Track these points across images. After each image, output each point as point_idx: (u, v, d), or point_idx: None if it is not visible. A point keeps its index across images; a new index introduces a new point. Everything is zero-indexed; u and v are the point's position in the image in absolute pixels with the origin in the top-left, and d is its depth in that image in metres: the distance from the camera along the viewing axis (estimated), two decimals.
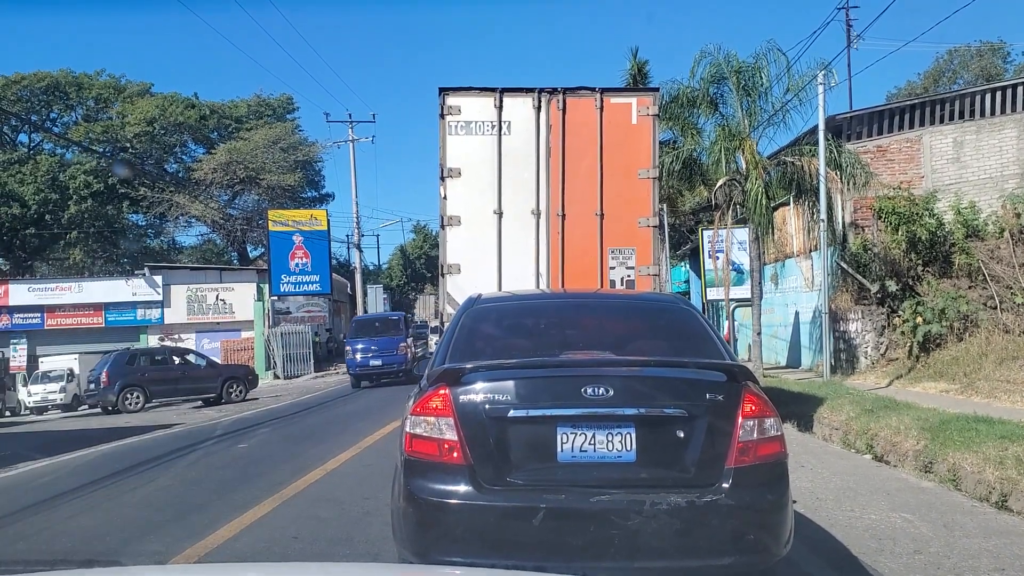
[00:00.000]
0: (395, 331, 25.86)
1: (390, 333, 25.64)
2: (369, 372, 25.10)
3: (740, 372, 4.08)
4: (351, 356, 25.18)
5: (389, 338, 25.32)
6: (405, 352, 25.58)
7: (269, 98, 51.53)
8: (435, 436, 3.90)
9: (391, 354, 25.04)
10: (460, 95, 10.38)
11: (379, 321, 27.79)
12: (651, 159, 10.37)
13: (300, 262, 36.88)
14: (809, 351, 19.76)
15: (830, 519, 6.33)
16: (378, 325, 26.72)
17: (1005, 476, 6.60)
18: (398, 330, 26.04)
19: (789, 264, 21.97)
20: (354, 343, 25.34)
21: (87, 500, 8.48)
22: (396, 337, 25.51)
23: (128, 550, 6.15)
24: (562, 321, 5.05)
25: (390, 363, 25.00)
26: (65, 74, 47.44)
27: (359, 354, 24.92)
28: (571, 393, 3.88)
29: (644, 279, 10.23)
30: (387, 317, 29.76)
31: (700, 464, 3.84)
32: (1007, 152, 18.00)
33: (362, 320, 28.61)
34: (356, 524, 6.48)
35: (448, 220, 10.32)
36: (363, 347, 24.89)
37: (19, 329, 36.51)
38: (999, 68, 39.58)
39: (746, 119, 16.49)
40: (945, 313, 14.76)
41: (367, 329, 26.09)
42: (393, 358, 25.08)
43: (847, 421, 10.21)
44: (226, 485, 8.81)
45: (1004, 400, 11.38)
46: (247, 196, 48.00)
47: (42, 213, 44.99)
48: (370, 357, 24.83)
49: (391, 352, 25.05)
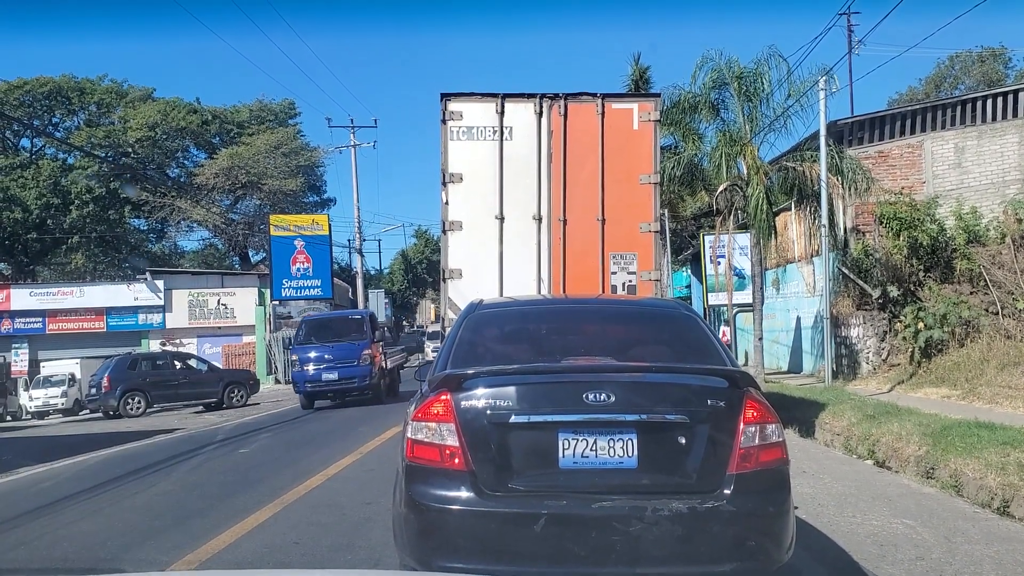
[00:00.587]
0: (356, 334, 20.30)
1: (350, 337, 20.26)
2: (322, 389, 19.90)
3: (741, 378, 4.07)
4: (298, 368, 19.95)
5: (348, 344, 19.91)
6: (370, 361, 19.89)
7: (271, 103, 51.64)
8: (436, 442, 3.90)
9: (350, 364, 19.64)
10: (462, 100, 10.41)
11: (336, 322, 22.56)
12: (652, 164, 10.40)
13: (302, 267, 36.89)
14: (811, 356, 19.74)
15: (832, 525, 6.31)
16: (334, 327, 21.52)
17: (1007, 482, 6.58)
18: (361, 333, 20.32)
19: (791, 269, 21.96)
20: (302, 351, 19.98)
21: (88, 505, 8.47)
22: (358, 342, 19.98)
23: (129, 556, 6.14)
24: (563, 327, 5.05)
25: (349, 376, 19.59)
26: (67, 79, 47.52)
27: (309, 365, 19.71)
28: (572, 399, 3.88)
29: (645, 284, 10.24)
30: (346, 317, 24.11)
31: (702, 470, 3.84)
32: (1008, 158, 17.99)
33: (313, 321, 22.20)
34: (357, 530, 6.47)
35: (450, 225, 10.34)
36: (315, 355, 19.66)
37: (21, 334, 36.52)
38: (1000, 74, 39.62)
39: (747, 124, 16.51)
40: (947, 318, 14.75)
41: (320, 332, 20.76)
42: (353, 370, 19.63)
43: (849, 427, 10.20)
44: (227, 490, 8.81)
45: (1006, 406, 11.37)
46: (249, 201, 48.09)
47: (44, 218, 45.04)
48: (323, 369, 19.54)
49: (350, 362, 19.65)
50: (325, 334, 20.52)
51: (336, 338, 20.30)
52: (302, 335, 20.70)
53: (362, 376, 19.64)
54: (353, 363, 19.62)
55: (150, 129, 45.92)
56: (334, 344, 19.89)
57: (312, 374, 19.64)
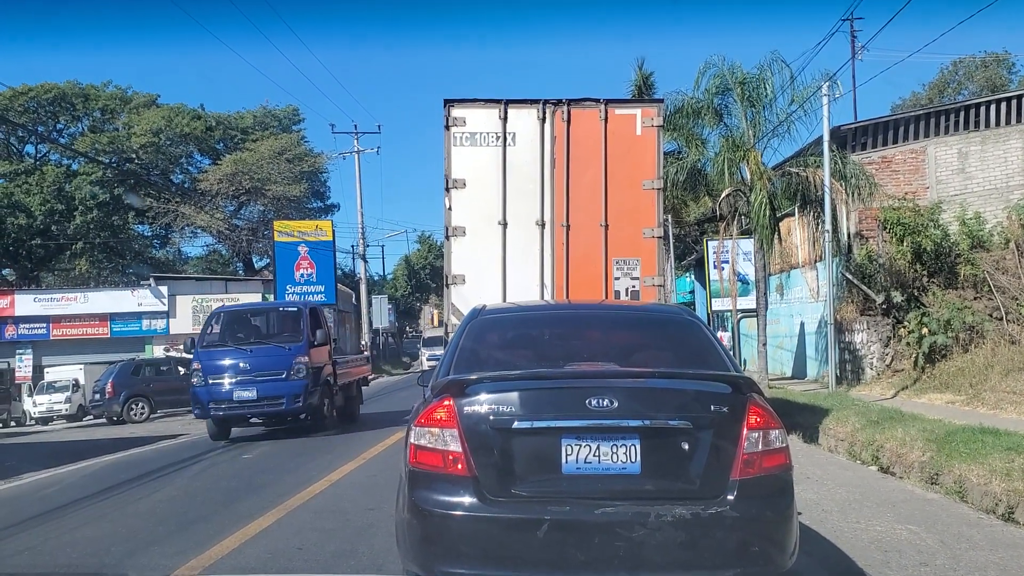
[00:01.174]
0: (289, 335, 14.72)
1: (279, 338, 14.77)
2: (236, 411, 14.16)
3: (745, 383, 4.08)
4: (201, 381, 14.09)
5: (275, 349, 14.38)
6: (307, 374, 14.15)
7: (275, 109, 51.80)
8: (439, 447, 3.90)
9: (275, 378, 14.01)
10: (465, 107, 10.44)
11: (261, 316, 16.27)
12: (655, 170, 10.40)
13: (305, 272, 36.92)
14: (814, 362, 19.72)
15: (835, 531, 6.30)
16: (258, 323, 15.80)
17: (1012, 488, 6.57)
18: (295, 333, 14.66)
19: (794, 275, 21.95)
20: (207, 357, 14.27)
21: (92, 511, 8.48)
22: (289, 346, 14.35)
23: (133, 561, 6.16)
24: (566, 332, 5.06)
25: (274, 396, 13.99)
26: (72, 85, 47.69)
27: (217, 377, 13.98)
28: (575, 404, 3.88)
29: (649, 290, 10.25)
30: (276, 309, 17.16)
31: (705, 476, 3.83)
32: (1012, 163, 17.98)
33: (228, 314, 15.78)
34: (360, 536, 6.47)
35: (453, 231, 10.35)
36: (226, 364, 14.10)
37: (25, 339, 36.58)
38: (1004, 79, 39.63)
39: (750, 130, 16.51)
40: (951, 324, 14.72)
41: (237, 329, 15.11)
42: (280, 386, 13.99)
43: (853, 432, 10.18)
44: (231, 496, 8.82)
45: (1010, 411, 11.34)
46: (253, 207, 48.18)
47: (48, 224, 45.17)
48: (236, 384, 13.90)
49: (276, 374, 14.04)
50: (244, 333, 15.08)
51: (259, 339, 14.93)
52: (211, 333, 14.85)
53: (292, 395, 13.97)
54: (279, 376, 14.03)
55: (154, 135, 46.05)
56: (253, 348, 14.43)
57: (220, 391, 13.91)
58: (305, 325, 14.75)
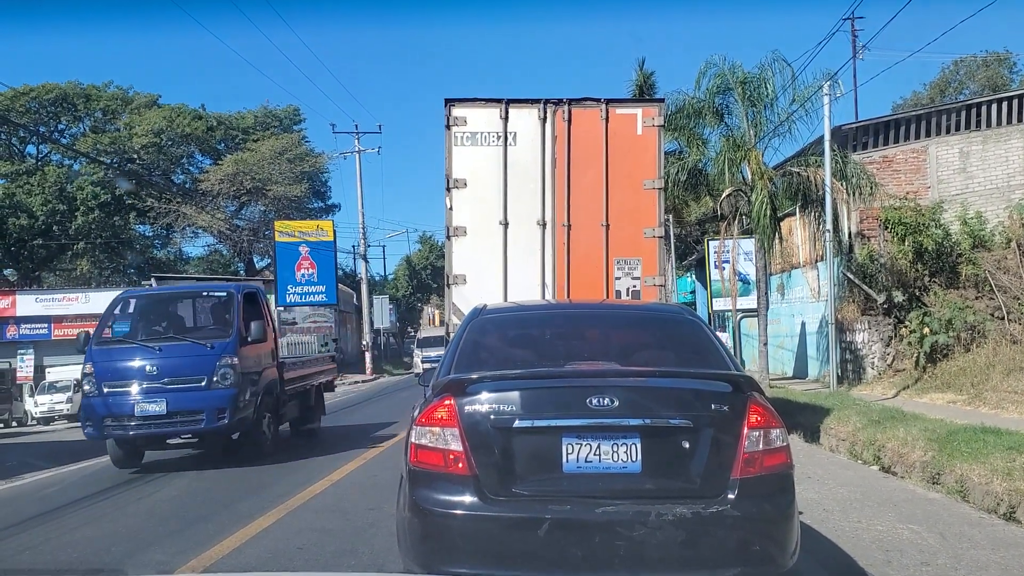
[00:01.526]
0: (215, 328, 11.59)
1: (200, 332, 11.68)
2: (140, 431, 10.57)
3: (745, 383, 4.07)
4: (94, 390, 10.70)
5: (192, 347, 10.89)
6: (236, 381, 10.74)
7: (276, 109, 51.81)
8: (440, 447, 3.90)
9: (192, 386, 10.60)
10: (466, 106, 10.43)
11: (178, 304, 12.59)
12: (656, 170, 10.39)
13: (306, 273, 36.94)
14: (816, 361, 19.71)
15: (837, 530, 6.29)
16: (175, 313, 12.17)
17: (1013, 487, 6.56)
18: (222, 326, 11.37)
19: (795, 274, 21.94)
20: (104, 357, 10.91)
21: (93, 510, 8.48)
22: (212, 344, 10.88)
23: (133, 561, 6.16)
24: (567, 331, 5.06)
25: (190, 409, 10.56)
26: (73, 86, 47.73)
27: (123, 386, 10.61)
28: (576, 403, 3.88)
29: (650, 289, 10.24)
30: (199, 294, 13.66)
31: (705, 475, 3.83)
32: (1013, 162, 17.97)
33: (138, 299, 12.46)
34: (361, 535, 6.47)
35: (454, 231, 10.34)
36: (128, 367, 10.71)
37: (26, 340, 36.63)
38: (1005, 78, 39.57)
39: (751, 130, 16.50)
40: (952, 324, 14.72)
41: (146, 321, 11.73)
42: (198, 397, 10.58)
43: (854, 432, 10.17)
44: (232, 496, 8.81)
45: (1012, 411, 11.34)
46: (253, 207, 48.19)
47: (49, 224, 45.18)
48: (141, 394, 10.49)
49: (193, 381, 10.64)
50: (156, 326, 11.52)
51: (172, 334, 11.21)
52: (112, 325, 11.55)
53: (215, 408, 10.45)
54: (198, 383, 10.52)
55: (155, 135, 46.09)
56: (164, 346, 10.82)
57: (119, 403, 10.45)
58: (236, 315, 11.04)
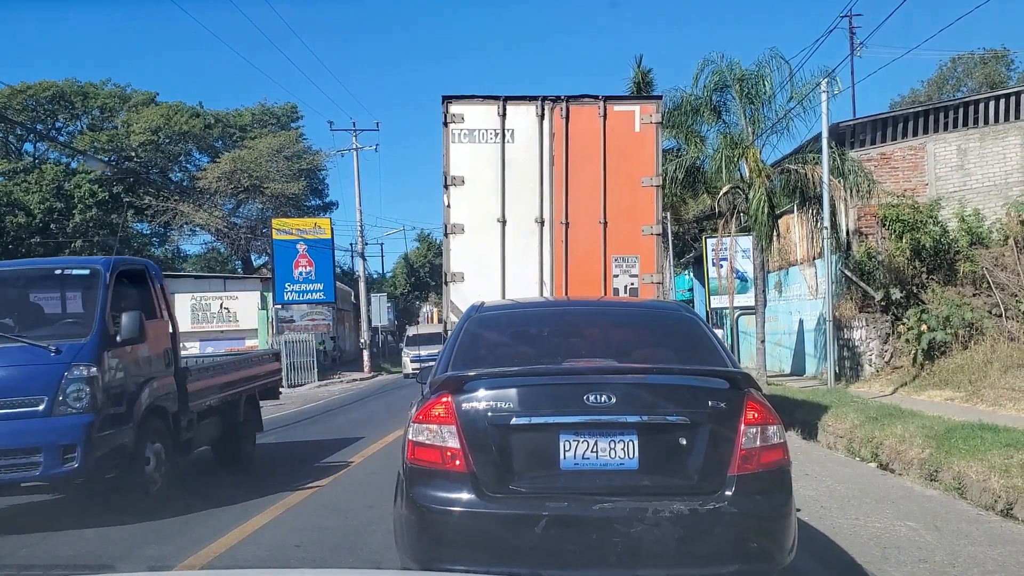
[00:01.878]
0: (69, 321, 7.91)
1: (45, 328, 7.66)
2: None
3: (742, 379, 4.08)
4: None
5: (25, 351, 7.01)
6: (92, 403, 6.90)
7: (273, 107, 51.66)
8: (438, 444, 3.90)
9: (25, 411, 6.85)
10: (463, 103, 10.41)
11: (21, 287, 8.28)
12: (654, 167, 10.39)
13: (304, 271, 36.86)
14: (813, 359, 19.72)
15: (834, 527, 6.30)
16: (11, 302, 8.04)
17: (1010, 484, 6.57)
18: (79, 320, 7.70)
19: (793, 272, 21.94)
20: None
21: (90, 506, 8.46)
22: (56, 347, 6.99)
23: (132, 556, 6.15)
24: (565, 329, 5.06)
25: (19, 447, 6.81)
26: (70, 83, 47.61)
27: None
28: (573, 401, 3.89)
29: (648, 287, 10.24)
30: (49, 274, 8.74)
31: (703, 471, 3.84)
32: (1011, 160, 17.98)
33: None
34: (359, 533, 6.47)
35: (452, 228, 10.33)
36: None
37: None
38: (1003, 75, 39.57)
39: (749, 127, 16.50)
40: (950, 321, 14.73)
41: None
42: (33, 428, 6.81)
43: (851, 429, 10.18)
44: (229, 493, 8.79)
45: (1009, 408, 11.34)
46: (251, 205, 48.07)
47: (47, 222, 45.09)
48: None
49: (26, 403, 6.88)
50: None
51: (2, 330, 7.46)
52: None
53: (59, 447, 6.88)
54: (33, 407, 6.95)
55: (153, 133, 45.97)
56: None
57: None
58: (101, 304, 7.50)
